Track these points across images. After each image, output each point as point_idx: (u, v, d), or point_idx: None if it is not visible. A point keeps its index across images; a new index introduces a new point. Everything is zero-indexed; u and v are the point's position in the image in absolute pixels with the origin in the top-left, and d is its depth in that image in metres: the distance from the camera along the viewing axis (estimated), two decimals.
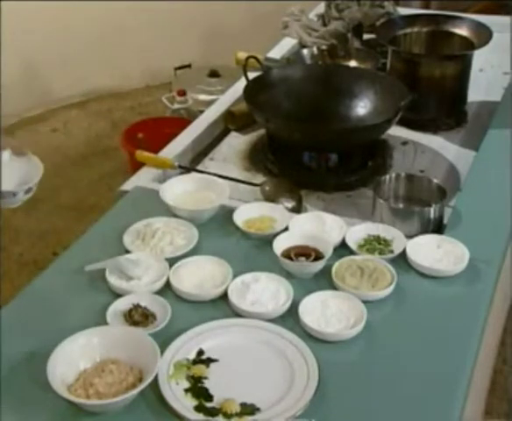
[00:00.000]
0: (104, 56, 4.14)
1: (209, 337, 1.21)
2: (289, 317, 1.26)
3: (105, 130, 3.93)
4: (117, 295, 1.30)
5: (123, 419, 1.08)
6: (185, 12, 4.22)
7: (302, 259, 1.38)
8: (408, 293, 1.33)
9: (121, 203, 1.59)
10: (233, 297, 1.28)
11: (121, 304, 1.27)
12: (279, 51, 2.36)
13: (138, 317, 1.24)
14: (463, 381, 1.17)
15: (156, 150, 1.80)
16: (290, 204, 1.59)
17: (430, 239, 1.43)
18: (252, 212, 1.51)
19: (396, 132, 1.88)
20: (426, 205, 1.50)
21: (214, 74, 3.61)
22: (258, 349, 1.20)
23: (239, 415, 1.07)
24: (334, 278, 1.33)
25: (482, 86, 2.15)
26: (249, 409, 1.08)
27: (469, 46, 1.98)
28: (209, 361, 1.17)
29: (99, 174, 3.55)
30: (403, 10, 2.56)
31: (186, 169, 1.75)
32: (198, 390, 1.11)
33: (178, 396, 1.10)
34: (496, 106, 2.01)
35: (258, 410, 1.08)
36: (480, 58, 2.06)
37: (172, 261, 1.36)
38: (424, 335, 1.25)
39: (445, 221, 1.51)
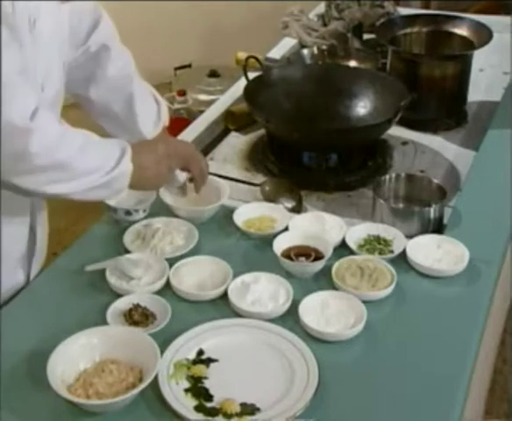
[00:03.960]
0: None
1: (209, 337, 1.21)
2: (289, 317, 1.26)
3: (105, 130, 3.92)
4: (118, 295, 1.30)
5: (123, 419, 1.08)
6: (185, 12, 4.22)
7: (302, 259, 1.38)
8: (408, 293, 1.33)
9: None
10: (233, 297, 1.28)
11: (121, 304, 1.27)
12: (279, 51, 2.36)
13: (138, 317, 1.24)
14: (463, 381, 1.17)
15: None
16: (290, 204, 1.59)
17: (430, 239, 1.43)
18: (252, 212, 1.51)
19: (396, 132, 1.87)
20: (426, 205, 1.50)
21: (214, 74, 3.60)
22: (258, 349, 1.20)
23: (239, 415, 1.07)
24: (334, 278, 1.33)
25: (482, 86, 2.15)
26: (249, 409, 1.08)
27: (469, 46, 1.98)
28: (209, 361, 1.17)
29: None
30: (403, 10, 2.56)
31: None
32: (198, 390, 1.11)
33: (178, 396, 1.10)
34: (496, 106, 2.01)
35: (258, 410, 1.08)
36: (479, 58, 2.06)
37: (172, 261, 1.36)
38: (424, 335, 1.25)
39: (445, 221, 1.51)
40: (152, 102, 1.52)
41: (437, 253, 1.39)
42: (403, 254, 1.40)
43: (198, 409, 1.08)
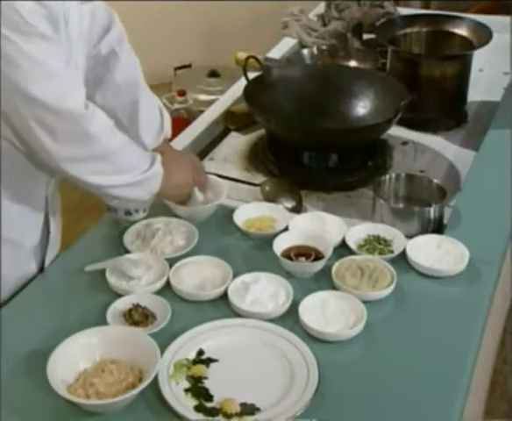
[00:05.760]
0: None
1: (209, 337, 1.21)
2: (289, 317, 1.26)
3: None
4: (118, 295, 1.30)
5: (123, 419, 1.08)
6: (185, 12, 4.22)
7: (302, 259, 1.38)
8: (408, 293, 1.33)
9: None
10: (233, 297, 1.28)
11: (121, 304, 1.27)
12: (279, 51, 2.36)
13: (138, 317, 1.24)
14: (463, 381, 1.17)
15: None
16: (290, 204, 1.59)
17: (430, 239, 1.43)
18: (251, 212, 1.51)
19: (396, 132, 1.87)
20: (426, 205, 1.50)
21: (214, 74, 3.60)
22: (258, 349, 1.20)
23: (239, 415, 1.07)
24: (334, 278, 1.33)
25: (482, 86, 2.15)
26: (249, 409, 1.08)
27: (469, 46, 1.98)
28: (209, 361, 1.17)
29: None
30: (403, 10, 2.56)
31: None
32: (198, 390, 1.11)
33: (178, 396, 1.10)
34: (496, 106, 2.01)
35: (258, 410, 1.08)
36: (479, 58, 2.06)
37: (172, 261, 1.36)
38: (424, 335, 1.25)
39: (445, 221, 1.51)
40: (156, 113, 1.52)
41: (437, 253, 1.39)
42: (403, 254, 1.40)
43: (198, 409, 1.08)
